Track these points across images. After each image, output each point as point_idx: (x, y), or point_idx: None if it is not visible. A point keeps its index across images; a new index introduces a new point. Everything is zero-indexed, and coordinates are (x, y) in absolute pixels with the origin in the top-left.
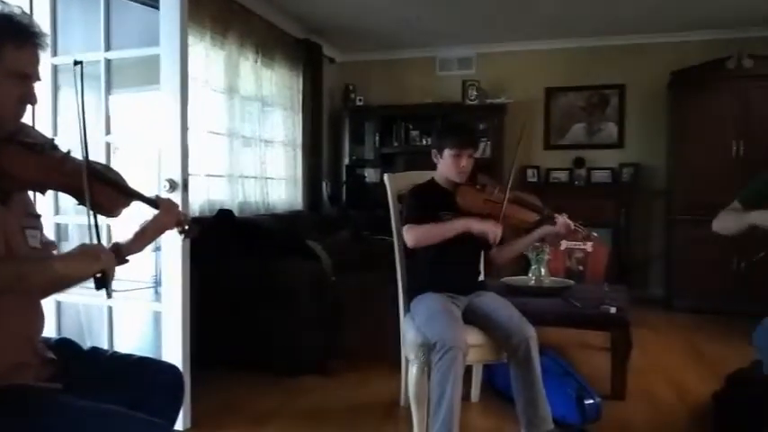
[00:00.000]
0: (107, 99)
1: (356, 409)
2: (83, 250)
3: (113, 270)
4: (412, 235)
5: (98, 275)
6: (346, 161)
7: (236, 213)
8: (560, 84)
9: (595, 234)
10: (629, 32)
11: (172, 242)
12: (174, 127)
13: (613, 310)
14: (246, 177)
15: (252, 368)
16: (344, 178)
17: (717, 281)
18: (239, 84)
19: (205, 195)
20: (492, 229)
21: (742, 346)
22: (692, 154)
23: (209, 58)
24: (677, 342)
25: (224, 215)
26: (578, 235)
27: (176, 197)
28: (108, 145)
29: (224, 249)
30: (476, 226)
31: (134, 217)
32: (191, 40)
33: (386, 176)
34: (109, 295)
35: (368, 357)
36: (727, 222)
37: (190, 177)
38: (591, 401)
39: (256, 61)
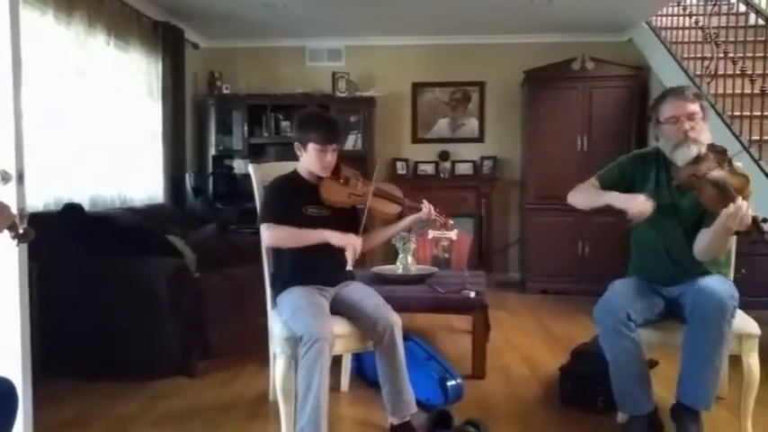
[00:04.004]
0: None
1: (223, 408)
2: None
3: None
4: (269, 236)
5: None
6: (213, 152)
7: (88, 208)
8: (426, 79)
9: (452, 222)
10: (487, 32)
11: (4, 243)
12: (6, 111)
13: (473, 294)
14: (99, 169)
15: (107, 374)
16: (211, 169)
17: (564, 264)
18: (89, 67)
19: (51, 189)
20: (351, 245)
21: (586, 322)
22: (543, 147)
23: (51, 38)
24: (531, 321)
25: (71, 210)
26: (437, 223)
27: (10, 190)
28: None
29: (71, 247)
30: (336, 239)
31: None
32: (28, 14)
33: (251, 167)
34: None
35: (236, 355)
36: (584, 197)
37: (32, 169)
38: (453, 383)
39: (108, 44)
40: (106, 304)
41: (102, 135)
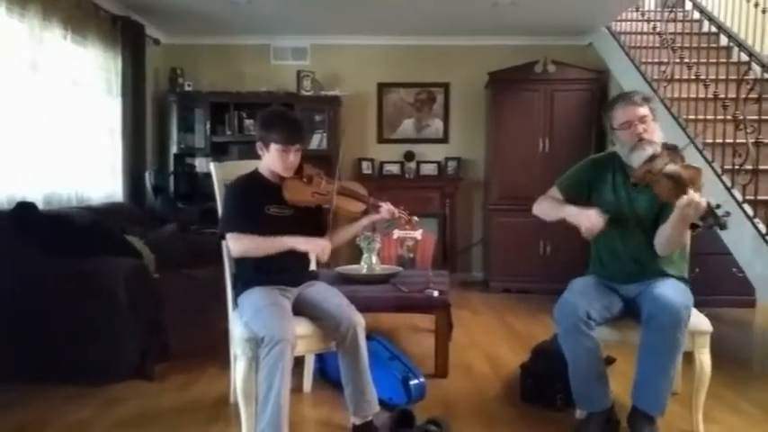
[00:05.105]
0: None
1: (182, 411)
2: None
3: None
4: (237, 246)
5: None
6: (174, 150)
7: (42, 206)
8: (391, 79)
9: (417, 219)
10: (452, 34)
11: None
12: None
13: (436, 293)
14: (55, 166)
15: (61, 378)
16: (172, 168)
17: (526, 264)
18: (44, 62)
19: (2, 187)
20: (320, 248)
21: (547, 321)
22: (506, 149)
23: (4, 31)
24: (493, 320)
25: (24, 209)
26: (402, 220)
27: None
28: None
29: (24, 247)
30: (303, 246)
31: None
32: None
33: (212, 165)
34: None
35: (197, 357)
36: (545, 209)
37: None
38: (416, 382)
39: (65, 38)
40: (61, 306)
41: (58, 131)
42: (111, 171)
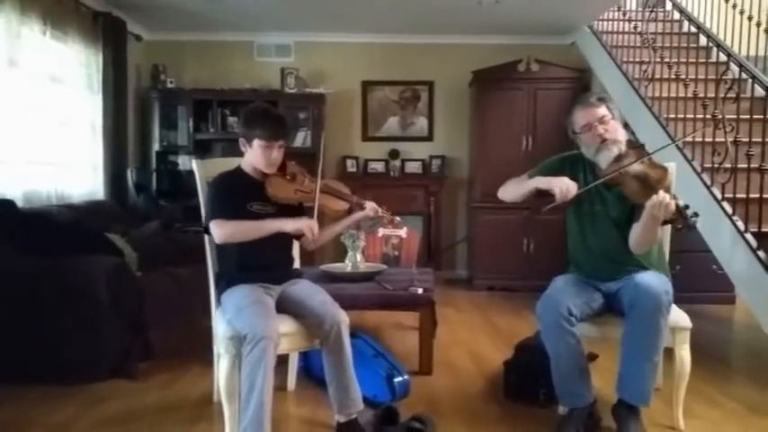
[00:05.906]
0: None
1: (166, 410)
2: None
3: None
4: (220, 232)
5: None
6: (156, 147)
7: (22, 204)
8: (376, 77)
9: (399, 219)
10: (436, 32)
11: None
12: None
13: (420, 291)
14: (34, 163)
15: (41, 379)
16: (154, 165)
17: (510, 261)
18: (22, 57)
19: None
20: (308, 226)
21: (531, 318)
22: (489, 147)
23: None
24: (477, 317)
25: (3, 206)
26: (384, 219)
27: None
28: None
29: (2, 246)
30: (290, 226)
31: None
32: None
33: (194, 163)
34: None
35: (180, 356)
36: (512, 188)
37: None
38: (400, 379)
39: (44, 33)
40: (41, 305)
41: (38, 128)
42: (92, 168)
